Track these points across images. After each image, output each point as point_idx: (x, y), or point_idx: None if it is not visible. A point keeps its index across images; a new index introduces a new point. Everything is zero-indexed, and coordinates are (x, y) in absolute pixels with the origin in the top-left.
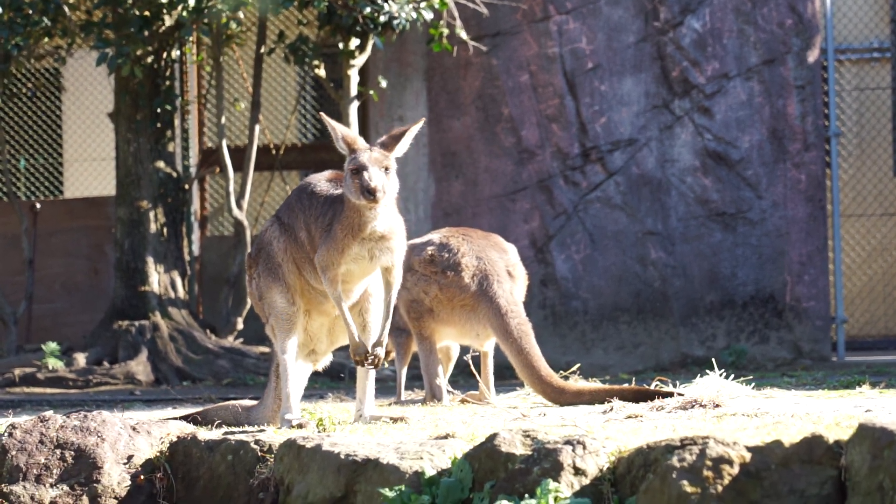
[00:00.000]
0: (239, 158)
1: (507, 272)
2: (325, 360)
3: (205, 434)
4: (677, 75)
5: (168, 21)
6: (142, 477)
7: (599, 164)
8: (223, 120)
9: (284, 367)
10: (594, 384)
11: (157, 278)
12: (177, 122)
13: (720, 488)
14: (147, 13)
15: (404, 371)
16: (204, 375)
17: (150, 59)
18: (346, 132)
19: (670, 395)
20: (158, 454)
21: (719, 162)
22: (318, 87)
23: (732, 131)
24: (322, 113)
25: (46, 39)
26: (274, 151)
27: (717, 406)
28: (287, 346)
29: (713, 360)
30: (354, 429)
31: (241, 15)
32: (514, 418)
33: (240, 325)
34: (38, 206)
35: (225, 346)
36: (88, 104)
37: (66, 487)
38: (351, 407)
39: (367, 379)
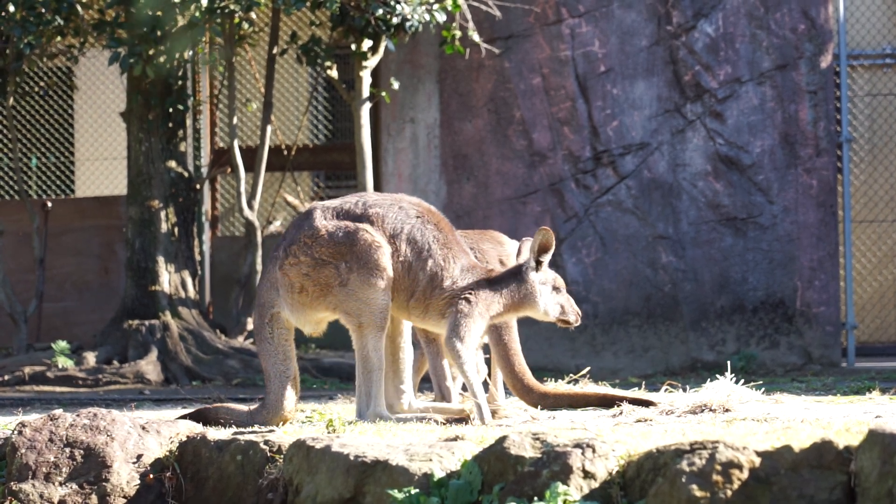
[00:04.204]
0: (250, 159)
1: (500, 261)
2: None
3: (214, 434)
4: (689, 79)
5: (181, 21)
6: (151, 476)
7: (611, 168)
8: (235, 120)
9: (379, 364)
10: (565, 388)
11: (167, 278)
12: (189, 122)
13: (730, 493)
14: (159, 13)
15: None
16: (214, 375)
17: (162, 59)
18: (547, 241)
19: (644, 402)
20: (168, 453)
21: (731, 166)
22: (330, 89)
23: (744, 136)
24: (546, 228)
25: (59, 38)
26: (285, 152)
27: (727, 410)
28: (380, 345)
29: (724, 364)
30: (364, 430)
31: (253, 15)
32: (523, 421)
33: (250, 326)
34: (49, 204)
35: (235, 347)
36: (100, 103)
37: (75, 486)
38: None
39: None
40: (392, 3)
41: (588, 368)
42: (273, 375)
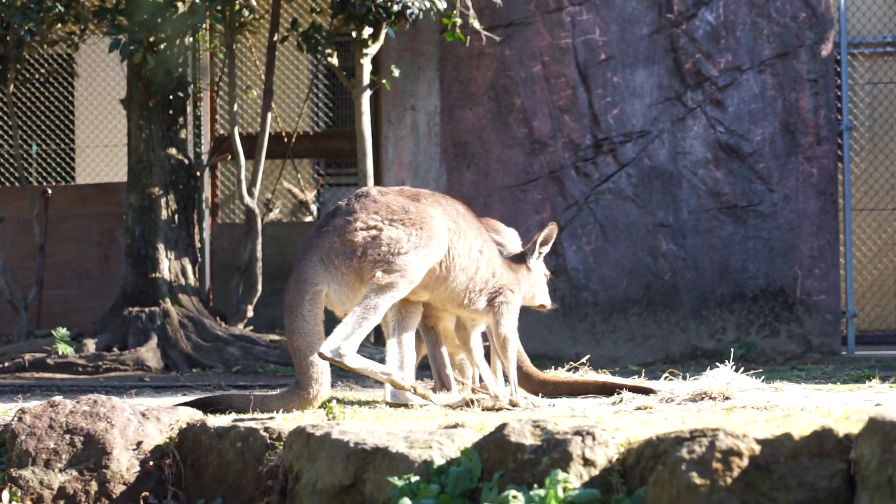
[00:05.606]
0: (251, 146)
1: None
2: None
3: (214, 421)
4: (690, 67)
5: (181, 8)
6: (151, 463)
7: (611, 156)
8: (235, 107)
9: (376, 321)
10: (564, 376)
11: (167, 265)
12: (189, 109)
13: (729, 480)
14: (160, 0)
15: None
16: (213, 362)
17: (162, 46)
18: (551, 236)
19: (644, 390)
20: (167, 440)
21: (731, 155)
22: (330, 76)
23: (745, 124)
24: (554, 223)
25: (59, 25)
26: (286, 139)
27: (727, 398)
28: (388, 307)
29: (724, 352)
30: (364, 417)
31: (253, 2)
32: (524, 408)
33: (250, 313)
34: (49, 191)
35: (235, 334)
36: (101, 90)
37: (75, 472)
38: (360, 395)
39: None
40: None
41: (588, 356)
42: (310, 355)
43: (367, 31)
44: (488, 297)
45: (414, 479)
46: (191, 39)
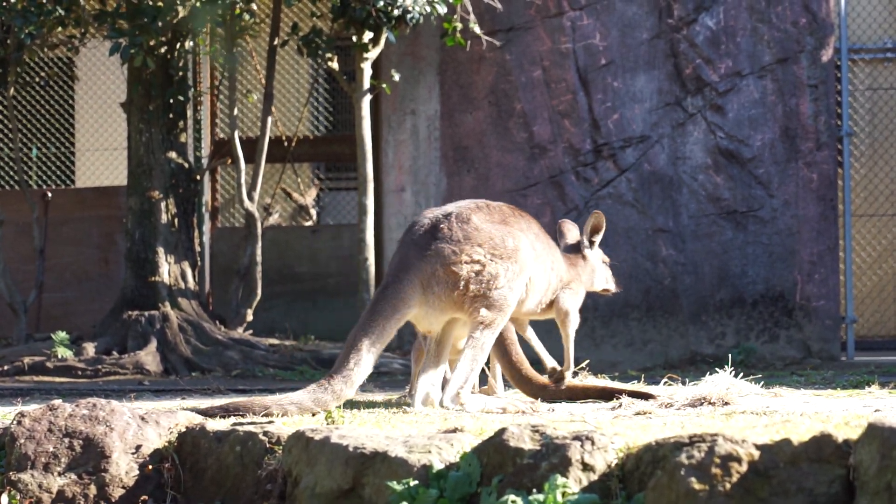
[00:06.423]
0: (251, 150)
1: None
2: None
3: (213, 424)
4: (690, 73)
5: (181, 12)
6: (150, 467)
7: (611, 161)
8: (235, 111)
9: (487, 354)
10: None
11: (167, 269)
12: (189, 112)
13: (728, 485)
14: (160, 3)
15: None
16: (213, 366)
17: (163, 50)
18: (600, 223)
19: (644, 395)
20: (167, 444)
21: (731, 160)
22: (330, 80)
23: (745, 129)
24: (598, 211)
25: (60, 29)
26: (286, 143)
27: (727, 404)
28: (493, 339)
29: (723, 357)
30: (363, 421)
31: (254, 6)
32: (522, 413)
33: (249, 317)
34: (49, 194)
35: (234, 338)
36: (101, 94)
37: (74, 476)
38: (359, 398)
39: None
40: None
41: (587, 361)
42: (364, 361)
43: (368, 35)
44: (557, 293)
45: (413, 483)
46: (191, 43)
